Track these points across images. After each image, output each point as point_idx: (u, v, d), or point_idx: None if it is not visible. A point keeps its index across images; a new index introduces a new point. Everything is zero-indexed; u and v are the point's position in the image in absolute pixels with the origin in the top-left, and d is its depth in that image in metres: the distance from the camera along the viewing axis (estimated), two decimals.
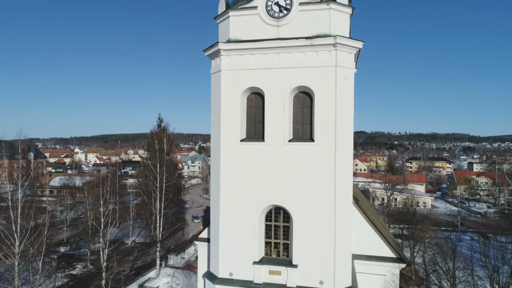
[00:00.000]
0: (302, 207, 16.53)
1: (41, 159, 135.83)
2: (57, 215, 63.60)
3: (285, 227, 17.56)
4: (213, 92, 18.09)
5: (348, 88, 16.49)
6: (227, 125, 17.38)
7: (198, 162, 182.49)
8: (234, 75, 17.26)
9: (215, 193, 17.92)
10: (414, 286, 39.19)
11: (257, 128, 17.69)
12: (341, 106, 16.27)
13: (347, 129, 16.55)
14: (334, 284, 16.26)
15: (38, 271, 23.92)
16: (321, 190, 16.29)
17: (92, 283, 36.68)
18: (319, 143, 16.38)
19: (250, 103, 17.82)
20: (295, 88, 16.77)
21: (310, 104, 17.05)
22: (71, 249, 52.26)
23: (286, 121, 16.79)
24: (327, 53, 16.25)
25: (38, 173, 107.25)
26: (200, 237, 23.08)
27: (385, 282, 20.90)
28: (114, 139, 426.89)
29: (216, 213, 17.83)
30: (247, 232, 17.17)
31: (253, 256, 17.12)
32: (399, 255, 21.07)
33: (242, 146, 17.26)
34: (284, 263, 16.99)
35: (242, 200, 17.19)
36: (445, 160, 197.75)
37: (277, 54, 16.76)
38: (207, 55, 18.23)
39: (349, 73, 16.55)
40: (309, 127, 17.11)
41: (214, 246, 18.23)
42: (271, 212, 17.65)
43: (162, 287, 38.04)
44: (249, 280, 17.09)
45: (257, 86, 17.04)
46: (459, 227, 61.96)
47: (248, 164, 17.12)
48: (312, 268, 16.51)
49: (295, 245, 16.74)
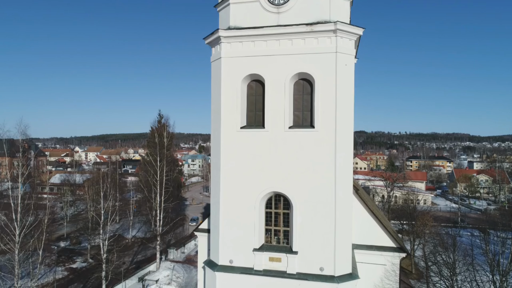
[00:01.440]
0: (303, 194, 16.54)
1: (41, 157, 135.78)
2: (57, 211, 63.65)
3: (285, 214, 17.57)
4: (213, 79, 18.10)
5: (348, 75, 16.50)
6: (227, 112, 17.39)
7: (198, 160, 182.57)
8: (235, 62, 17.26)
9: (215, 180, 17.92)
10: (414, 280, 39.33)
11: (258, 115, 17.70)
12: (342, 92, 16.27)
13: (347, 115, 16.55)
14: (334, 271, 16.27)
15: (38, 261, 23.93)
16: (322, 177, 16.30)
17: (92, 276, 36.74)
18: (319, 130, 16.38)
19: (251, 90, 17.82)
20: (295, 75, 16.78)
21: (310, 91, 17.06)
22: (71, 244, 52.38)
23: (287, 108, 16.79)
24: (327, 39, 16.26)
25: (39, 171, 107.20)
26: (200, 228, 23.07)
27: (385, 272, 20.88)
28: (114, 139, 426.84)
29: (216, 200, 17.84)
30: (247, 219, 17.17)
31: (253, 243, 17.13)
32: (399, 245, 21.08)
33: (242, 133, 17.27)
34: (284, 250, 17.00)
35: (242, 187, 17.20)
36: (445, 159, 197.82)
37: (278, 41, 16.77)
38: (207, 42, 18.22)
39: (350, 59, 16.55)
40: (309, 114, 17.11)
41: (214, 234, 18.24)
42: (271, 199, 17.66)
43: (162, 280, 38.08)
44: (249, 267, 17.10)
45: (257, 73, 17.04)
46: (459, 222, 61.93)
47: (248, 151, 17.13)
48: (312, 255, 16.51)
49: (295, 232, 16.74)
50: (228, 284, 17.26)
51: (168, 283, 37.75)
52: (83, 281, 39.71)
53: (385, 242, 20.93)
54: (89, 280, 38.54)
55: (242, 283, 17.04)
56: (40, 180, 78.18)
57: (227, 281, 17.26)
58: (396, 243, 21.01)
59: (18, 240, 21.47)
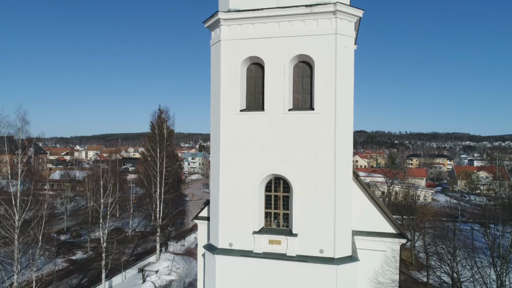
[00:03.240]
0: (302, 176, 16.50)
1: (41, 155, 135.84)
2: (58, 207, 63.72)
3: (285, 197, 17.54)
4: (213, 63, 18.08)
5: (348, 57, 16.47)
6: (226, 95, 17.36)
7: (198, 158, 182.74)
8: (234, 45, 17.23)
9: (215, 164, 17.90)
10: (414, 271, 39.36)
11: (257, 98, 17.67)
12: (341, 74, 16.24)
13: (347, 97, 16.52)
14: (334, 253, 16.24)
15: (38, 247, 23.96)
16: (321, 158, 16.27)
17: (92, 265, 36.85)
18: (319, 111, 16.35)
19: (250, 73, 17.80)
20: (295, 57, 16.75)
21: (310, 74, 17.04)
22: (71, 237, 52.46)
23: (286, 90, 16.75)
24: (327, 21, 16.22)
25: (39, 168, 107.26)
26: (200, 215, 23.04)
27: (385, 258, 20.84)
28: (114, 138, 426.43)
29: (216, 184, 17.82)
30: (247, 202, 17.14)
31: (253, 226, 17.10)
32: (400, 231, 21.04)
33: (242, 116, 17.24)
34: (284, 233, 16.97)
35: (242, 170, 17.17)
36: (446, 157, 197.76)
37: (277, 23, 16.73)
38: (207, 26, 18.20)
39: (349, 41, 16.53)
40: (309, 97, 17.09)
41: (213, 218, 18.23)
42: (270, 183, 17.64)
43: (162, 271, 38.08)
44: (249, 250, 17.07)
45: (257, 55, 17.01)
46: (459, 217, 61.90)
47: (248, 134, 17.11)
48: (312, 237, 16.48)
49: (295, 214, 16.71)
50: (227, 267, 17.24)
51: (168, 274, 37.79)
52: (83, 271, 39.82)
53: (385, 228, 20.89)
54: (89, 271, 38.64)
55: (241, 266, 17.02)
56: (40, 176, 78.10)
57: (226, 264, 17.23)
58: (396, 229, 20.96)
59: (17, 226, 21.48)
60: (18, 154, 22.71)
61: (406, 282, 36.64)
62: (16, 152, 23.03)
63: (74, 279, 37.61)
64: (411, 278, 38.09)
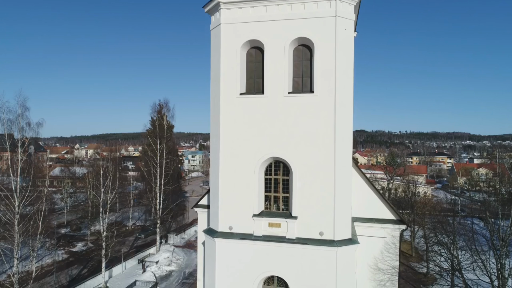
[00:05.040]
0: (302, 158, 16.50)
1: (41, 152, 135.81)
2: (57, 202, 63.76)
3: (284, 181, 17.54)
4: (213, 47, 18.08)
5: (347, 39, 16.47)
6: (226, 79, 17.36)
7: (198, 156, 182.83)
8: (234, 28, 17.25)
9: (215, 148, 17.89)
10: (414, 262, 39.43)
11: (257, 82, 17.68)
12: (341, 57, 16.25)
13: (347, 80, 16.51)
14: (334, 235, 16.24)
15: (38, 232, 24.02)
16: (321, 141, 16.28)
17: (92, 254, 36.91)
18: (318, 94, 16.37)
19: (250, 57, 17.81)
20: (295, 40, 16.75)
21: (310, 57, 17.05)
22: (72, 230, 52.55)
23: (286, 74, 16.76)
24: (326, 3, 16.24)
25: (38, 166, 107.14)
26: (200, 203, 23.01)
27: (385, 245, 20.83)
28: (114, 138, 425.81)
29: (216, 168, 17.82)
30: (247, 186, 17.14)
31: (253, 209, 17.11)
32: (399, 217, 21.03)
33: (241, 99, 17.25)
34: (284, 216, 16.98)
35: (242, 153, 17.18)
36: (446, 155, 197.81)
37: (277, 6, 16.74)
38: (206, 10, 18.20)
39: (349, 24, 16.53)
40: (309, 80, 17.09)
41: (213, 201, 18.22)
42: (270, 166, 17.64)
43: (162, 262, 38.10)
44: (248, 233, 17.08)
45: (256, 38, 17.01)
46: (459, 212, 61.81)
47: (247, 117, 17.11)
48: (312, 220, 16.49)
49: (295, 197, 16.71)
50: (227, 251, 17.25)
51: (168, 264, 37.82)
52: (83, 262, 39.90)
53: (385, 215, 20.88)
54: (89, 262, 38.72)
55: (241, 249, 17.04)
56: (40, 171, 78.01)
57: (226, 247, 17.24)
58: (396, 215, 20.96)
59: (17, 211, 21.49)
60: (18, 140, 22.74)
61: (406, 273, 36.73)
62: (16, 140, 23.05)
63: (74, 270, 37.72)
64: (410, 269, 38.16)
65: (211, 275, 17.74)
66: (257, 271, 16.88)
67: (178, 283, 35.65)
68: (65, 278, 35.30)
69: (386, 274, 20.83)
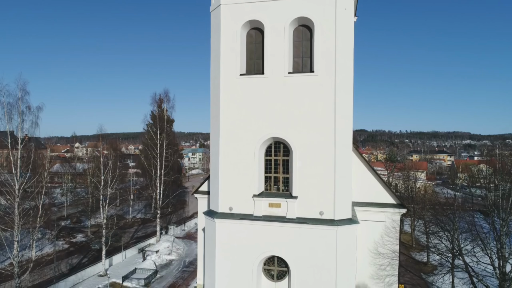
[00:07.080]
0: (302, 138, 16.48)
1: (41, 149, 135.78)
2: (58, 197, 63.78)
3: (284, 162, 17.52)
4: (213, 28, 18.06)
5: (347, 19, 16.43)
6: (226, 60, 17.34)
7: (198, 154, 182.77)
8: (234, 9, 17.22)
9: (215, 129, 17.86)
10: (414, 253, 39.42)
11: (257, 63, 17.66)
12: (341, 36, 16.21)
13: (347, 60, 16.47)
14: (334, 214, 16.22)
15: (38, 215, 24.03)
16: (322, 121, 16.25)
17: (92, 242, 36.84)
18: (319, 74, 16.34)
19: (250, 39, 17.78)
20: (295, 20, 16.72)
21: (310, 37, 17.02)
22: (72, 223, 52.62)
23: (286, 54, 16.74)
24: None
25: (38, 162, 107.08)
26: (200, 190, 22.99)
27: (385, 229, 20.85)
28: (115, 137, 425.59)
29: (216, 149, 17.80)
30: (247, 166, 17.12)
31: (253, 189, 17.09)
32: (399, 201, 21.02)
33: (241, 80, 17.23)
34: (284, 196, 16.96)
35: (242, 134, 17.16)
36: (446, 153, 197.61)
37: None
38: None
39: (349, 3, 16.49)
40: (309, 61, 17.07)
41: (213, 183, 18.20)
42: (270, 147, 17.62)
43: (162, 251, 38.10)
44: (249, 213, 17.07)
45: (256, 19, 16.98)
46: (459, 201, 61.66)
47: (247, 97, 17.09)
48: (312, 199, 16.46)
49: (295, 177, 16.68)
50: (227, 231, 17.23)
51: (168, 254, 37.85)
52: (83, 252, 39.95)
53: (385, 199, 20.88)
54: (89, 252, 38.75)
55: (241, 229, 17.02)
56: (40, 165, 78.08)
57: (226, 228, 17.22)
58: (396, 199, 20.95)
59: (17, 195, 21.47)
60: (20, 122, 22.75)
61: (407, 262, 36.74)
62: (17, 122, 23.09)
63: (74, 259, 37.79)
64: (411, 258, 38.17)
65: (211, 257, 17.72)
66: (257, 251, 16.87)
67: (178, 271, 35.77)
68: (65, 266, 35.44)
69: (387, 259, 20.80)
